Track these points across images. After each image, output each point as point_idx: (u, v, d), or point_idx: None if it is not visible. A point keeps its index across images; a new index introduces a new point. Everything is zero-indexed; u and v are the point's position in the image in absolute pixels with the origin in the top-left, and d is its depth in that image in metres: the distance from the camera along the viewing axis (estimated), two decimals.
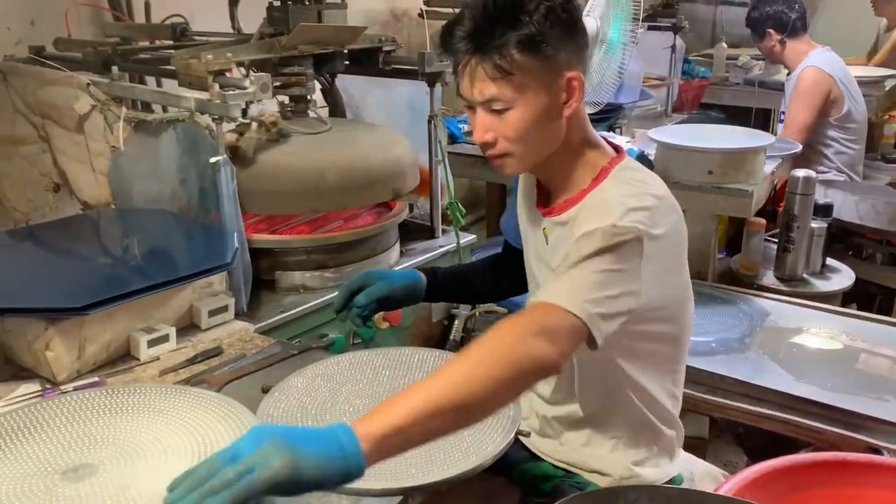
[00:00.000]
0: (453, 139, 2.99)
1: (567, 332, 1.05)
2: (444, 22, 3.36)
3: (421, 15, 3.40)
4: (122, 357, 1.39)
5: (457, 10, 1.19)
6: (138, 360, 1.38)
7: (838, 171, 3.12)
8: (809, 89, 3.06)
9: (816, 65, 3.08)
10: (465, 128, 3.27)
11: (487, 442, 1.10)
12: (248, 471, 0.79)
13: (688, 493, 1.36)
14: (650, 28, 3.54)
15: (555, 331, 1.03)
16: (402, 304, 1.46)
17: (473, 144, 2.95)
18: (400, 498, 1.02)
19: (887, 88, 3.87)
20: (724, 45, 4.18)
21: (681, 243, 1.24)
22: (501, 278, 1.54)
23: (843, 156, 3.14)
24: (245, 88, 1.48)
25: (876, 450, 1.68)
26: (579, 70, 1.17)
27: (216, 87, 1.49)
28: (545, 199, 1.32)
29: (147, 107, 1.89)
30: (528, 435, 1.38)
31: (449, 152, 2.83)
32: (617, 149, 1.29)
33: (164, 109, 1.83)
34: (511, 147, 1.19)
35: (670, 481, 1.40)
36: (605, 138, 1.30)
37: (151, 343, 1.38)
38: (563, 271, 1.12)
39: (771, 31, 3.19)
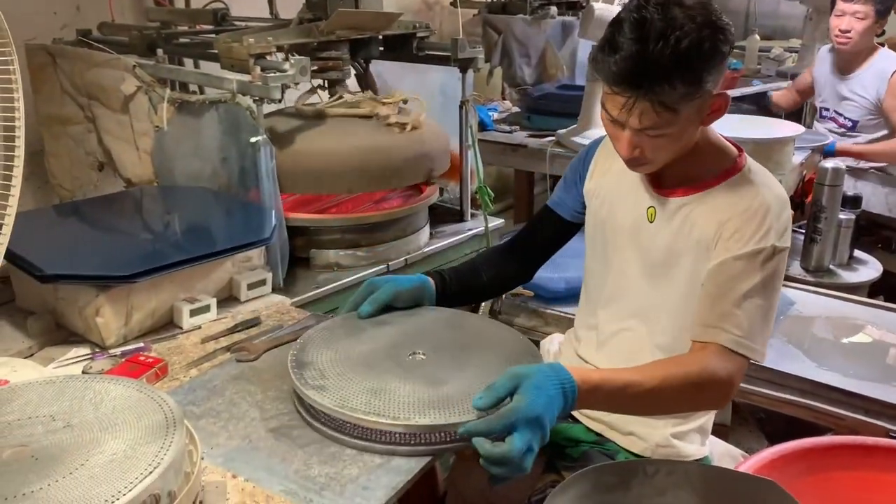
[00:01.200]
0: (483, 126, 3.03)
1: (737, 374, 1.20)
2: (475, 11, 3.40)
3: (454, 4, 3.45)
4: (166, 325, 1.46)
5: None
6: (181, 328, 1.45)
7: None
8: None
9: None
10: (495, 115, 3.32)
11: None
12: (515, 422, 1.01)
13: (706, 468, 1.41)
14: None
15: (727, 378, 1.19)
16: (410, 307, 1.40)
17: (504, 132, 3.04)
18: (430, 458, 1.07)
19: None
20: (757, 37, 4.16)
21: None
22: (509, 265, 1.54)
23: None
24: (285, 71, 1.54)
25: None
26: (721, 85, 1.19)
27: (257, 69, 1.55)
28: (656, 180, 1.34)
29: (186, 88, 1.96)
30: None
31: (481, 140, 2.90)
32: (736, 146, 1.34)
33: (201, 91, 1.90)
34: (654, 158, 1.24)
35: (700, 460, 1.44)
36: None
37: (194, 312, 1.45)
38: (724, 294, 1.21)
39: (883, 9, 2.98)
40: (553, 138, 2.87)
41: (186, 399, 1.22)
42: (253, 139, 1.58)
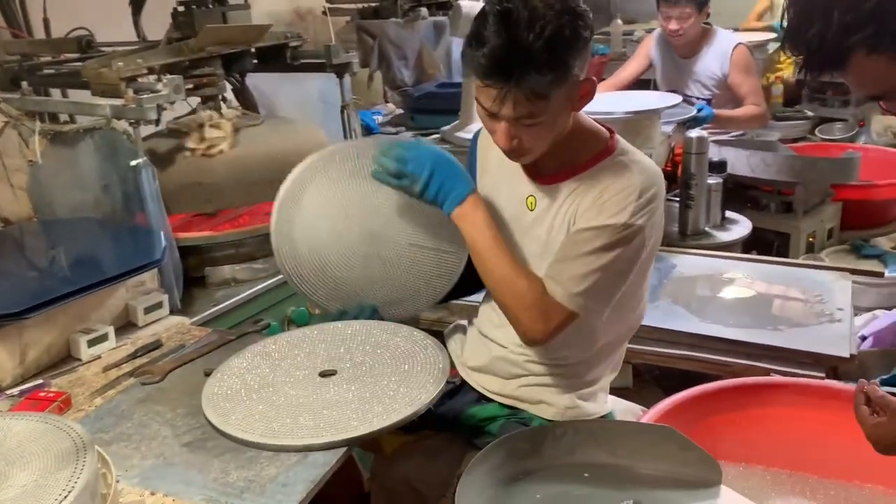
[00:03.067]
0: (369, 130, 3.08)
1: (560, 319, 1.30)
2: (347, 18, 3.43)
3: (325, 12, 3.47)
4: (65, 359, 1.43)
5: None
6: (80, 359, 1.42)
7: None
8: (750, 60, 3.29)
9: (738, 40, 3.29)
10: (380, 118, 3.37)
11: (421, 392, 1.20)
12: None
13: (609, 423, 1.50)
14: None
15: (550, 314, 1.29)
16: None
17: (390, 134, 3.09)
18: (345, 449, 1.11)
19: (770, 52, 4.14)
20: (620, 21, 4.38)
21: (661, 211, 1.37)
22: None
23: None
24: (158, 91, 1.53)
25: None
26: (587, 70, 1.25)
27: (130, 92, 1.54)
28: (533, 168, 1.38)
29: (56, 119, 1.91)
30: (459, 385, 1.47)
31: None
32: (607, 128, 1.39)
33: (73, 120, 1.86)
34: (532, 147, 1.28)
35: (604, 416, 1.53)
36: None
37: (92, 343, 1.43)
38: (569, 255, 1.29)
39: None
40: (438, 135, 2.95)
41: (94, 427, 1.21)
42: (133, 162, 1.56)
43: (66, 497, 0.87)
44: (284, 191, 1.45)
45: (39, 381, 1.35)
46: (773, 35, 4.26)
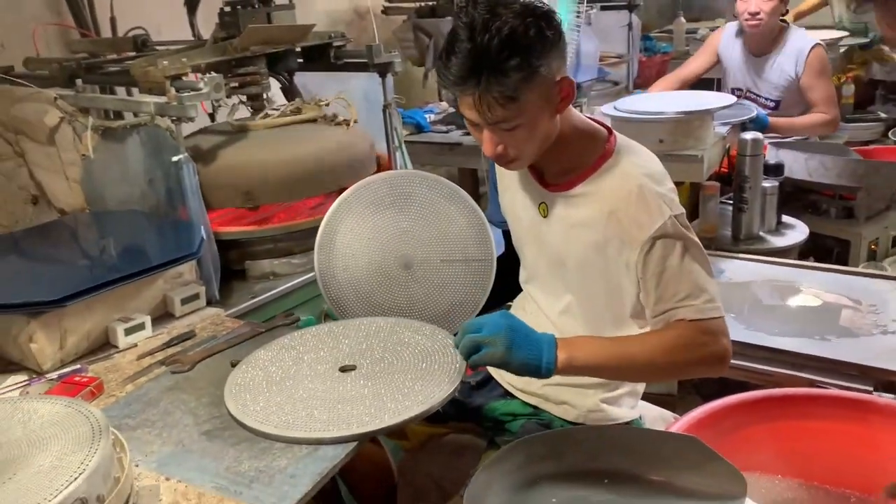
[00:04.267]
0: (420, 129, 3.10)
1: (721, 333, 1.28)
2: (404, 17, 3.46)
3: (385, 11, 3.51)
4: (103, 346, 1.49)
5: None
6: (117, 347, 1.48)
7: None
8: (827, 63, 3.15)
9: (814, 40, 3.15)
10: (432, 117, 3.38)
11: (435, 390, 1.21)
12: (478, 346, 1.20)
13: (632, 430, 1.47)
14: (603, 8, 3.63)
15: (714, 342, 1.27)
16: None
17: (440, 132, 3.10)
18: (355, 444, 1.12)
19: (842, 51, 3.98)
20: (683, 19, 4.28)
21: None
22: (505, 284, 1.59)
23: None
24: (199, 90, 1.58)
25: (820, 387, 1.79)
26: (565, 71, 1.26)
27: (173, 90, 1.59)
28: (540, 176, 1.40)
29: (118, 115, 1.99)
30: (488, 378, 1.47)
31: (418, 142, 2.95)
32: (606, 127, 1.39)
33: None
34: (519, 153, 1.29)
35: (630, 422, 1.51)
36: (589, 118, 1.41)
37: (128, 331, 1.49)
38: (669, 282, 1.27)
39: None
40: None
41: (122, 413, 1.26)
42: (175, 158, 1.62)
43: (76, 479, 0.91)
44: (319, 236, 1.54)
45: (77, 367, 1.41)
46: (846, 33, 4.10)
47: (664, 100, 2.69)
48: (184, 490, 1.06)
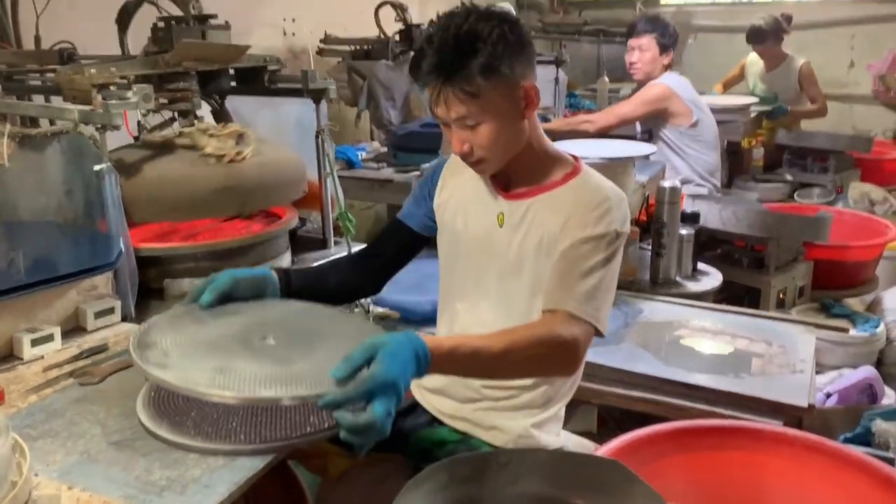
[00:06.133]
0: (351, 164, 3.10)
1: (583, 336, 1.29)
2: (339, 59, 3.49)
3: (320, 52, 3.54)
4: (7, 357, 1.41)
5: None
6: (21, 358, 1.40)
7: (701, 177, 3.42)
8: (649, 97, 3.39)
9: (667, 83, 3.40)
10: (364, 155, 3.40)
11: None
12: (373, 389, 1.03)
13: (555, 454, 1.47)
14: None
15: (574, 341, 1.26)
16: (249, 298, 1.37)
17: (372, 169, 3.11)
18: (273, 455, 1.08)
19: (752, 115, 4.22)
20: (606, 79, 4.47)
21: None
22: (358, 275, 1.56)
23: (701, 162, 3.44)
24: (127, 99, 1.54)
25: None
26: (532, 79, 1.34)
27: (99, 97, 1.55)
28: (504, 186, 1.45)
29: (36, 124, 1.92)
30: (412, 406, 1.44)
31: (349, 177, 2.95)
32: (573, 156, 1.47)
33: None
34: (486, 153, 1.35)
35: (559, 448, 1.51)
36: None
37: (36, 342, 1.41)
38: (570, 273, 1.31)
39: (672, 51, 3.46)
40: (418, 172, 2.97)
41: (23, 423, 1.18)
42: (97, 167, 1.56)
43: None
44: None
45: None
46: (755, 99, 4.36)
47: (587, 146, 2.78)
48: (87, 499, 0.99)
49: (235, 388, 1.04)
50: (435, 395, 1.52)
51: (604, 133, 3.42)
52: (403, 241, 1.58)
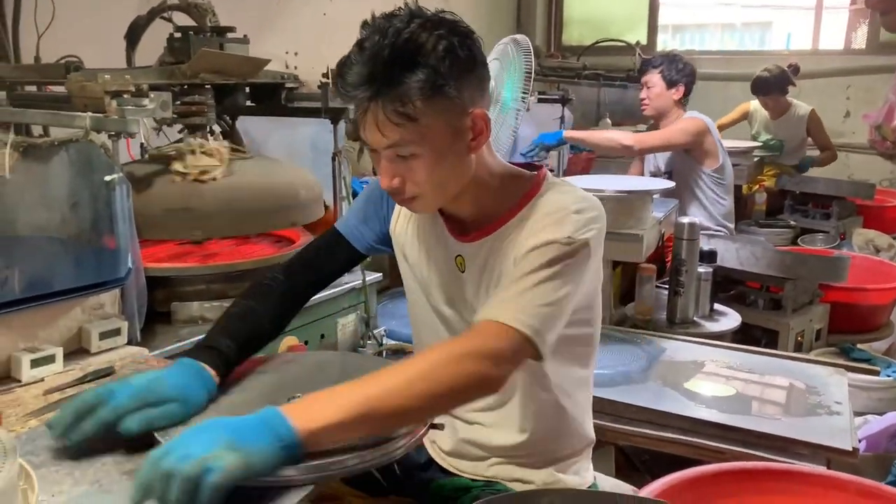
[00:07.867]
0: (355, 195, 3.01)
1: (511, 351, 1.07)
2: None
3: (325, 75, 3.47)
4: (2, 379, 1.28)
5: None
6: (19, 380, 1.27)
7: (717, 223, 3.33)
8: (690, 129, 3.27)
9: (703, 119, 3.32)
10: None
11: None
12: (206, 471, 0.84)
13: (600, 494, 1.37)
14: (540, 100, 3.73)
15: (499, 351, 1.05)
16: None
17: None
18: (312, 487, 0.96)
19: (755, 159, 4.21)
20: (608, 121, 4.45)
21: (602, 241, 1.23)
22: (289, 301, 1.33)
23: (718, 207, 3.35)
24: (144, 106, 1.45)
25: None
26: (482, 105, 1.14)
27: (114, 104, 1.45)
28: (459, 227, 1.27)
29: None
30: (441, 428, 1.22)
31: None
32: (533, 167, 1.29)
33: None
34: (419, 190, 1.15)
35: (590, 488, 1.41)
36: (515, 163, 1.30)
37: (35, 363, 1.28)
38: (509, 282, 1.12)
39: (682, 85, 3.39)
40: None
41: (24, 449, 1.04)
42: (108, 178, 1.46)
43: None
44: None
45: None
46: (758, 143, 4.35)
47: (603, 180, 2.72)
48: None
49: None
50: (451, 457, 1.41)
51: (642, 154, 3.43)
52: (345, 259, 1.38)
